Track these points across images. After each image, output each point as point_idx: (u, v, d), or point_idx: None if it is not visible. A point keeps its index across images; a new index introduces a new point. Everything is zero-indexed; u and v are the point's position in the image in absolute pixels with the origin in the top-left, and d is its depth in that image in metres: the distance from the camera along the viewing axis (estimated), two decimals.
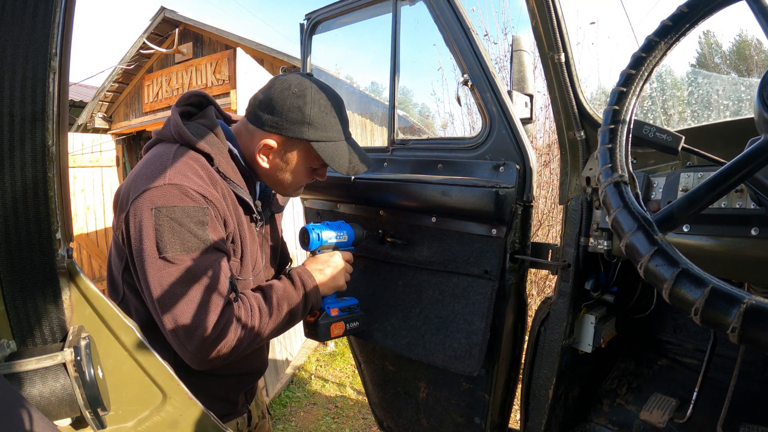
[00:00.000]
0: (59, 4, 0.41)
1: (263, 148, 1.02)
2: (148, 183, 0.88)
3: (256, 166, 1.06)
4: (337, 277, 1.16)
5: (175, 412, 0.58)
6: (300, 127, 1.00)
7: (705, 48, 4.24)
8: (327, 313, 1.17)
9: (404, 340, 1.44)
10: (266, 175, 1.08)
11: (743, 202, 0.86)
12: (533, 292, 3.57)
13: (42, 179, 0.43)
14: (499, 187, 1.19)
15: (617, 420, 1.47)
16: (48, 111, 0.42)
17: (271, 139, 1.01)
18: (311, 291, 1.08)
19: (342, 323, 1.19)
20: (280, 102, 1.00)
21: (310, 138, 1.01)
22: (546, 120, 3.77)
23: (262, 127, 1.01)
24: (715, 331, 1.10)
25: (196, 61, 6.50)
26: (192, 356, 0.87)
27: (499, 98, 1.24)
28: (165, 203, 0.86)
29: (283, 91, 1.00)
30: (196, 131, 0.98)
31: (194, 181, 0.91)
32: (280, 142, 1.02)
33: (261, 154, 1.03)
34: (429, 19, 1.35)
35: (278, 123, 1.00)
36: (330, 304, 1.18)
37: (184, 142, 0.96)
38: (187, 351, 0.86)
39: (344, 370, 3.71)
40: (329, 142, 1.03)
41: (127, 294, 0.97)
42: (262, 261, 1.14)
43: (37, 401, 0.44)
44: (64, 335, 0.48)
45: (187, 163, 0.93)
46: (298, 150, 1.03)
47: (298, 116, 0.99)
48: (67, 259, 0.47)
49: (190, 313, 0.85)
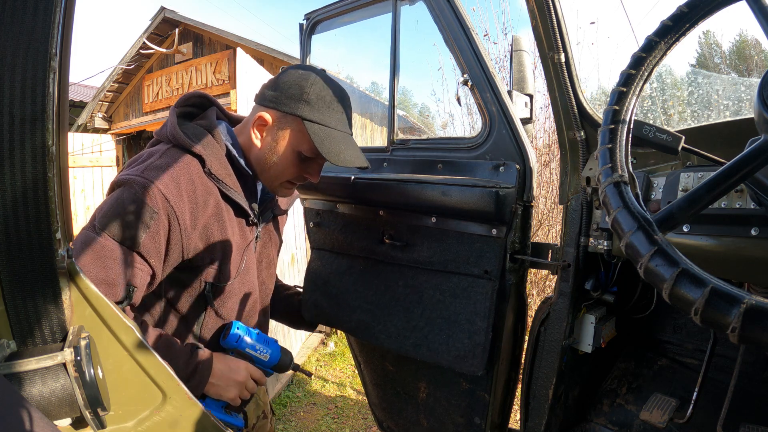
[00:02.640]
0: (59, 4, 0.41)
1: (257, 121, 1.00)
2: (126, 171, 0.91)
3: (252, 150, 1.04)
4: (229, 388, 0.99)
5: (175, 412, 0.58)
6: (296, 103, 0.98)
7: (705, 48, 4.24)
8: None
9: (409, 341, 1.44)
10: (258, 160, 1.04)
11: (743, 202, 0.86)
12: (533, 292, 3.57)
13: (42, 179, 0.43)
14: (499, 187, 1.19)
15: (617, 420, 1.47)
16: (48, 111, 0.42)
17: (266, 113, 0.99)
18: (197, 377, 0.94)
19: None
20: (284, 80, 1.00)
21: (304, 115, 0.98)
22: (546, 120, 3.77)
23: (262, 102, 1.01)
24: (715, 331, 1.10)
25: (196, 61, 6.50)
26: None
27: (499, 98, 1.24)
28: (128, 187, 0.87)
29: (291, 72, 1.01)
30: (192, 132, 0.97)
31: (164, 181, 0.89)
32: (275, 117, 1.00)
33: (255, 129, 1.01)
34: (429, 19, 1.35)
35: (276, 97, 0.99)
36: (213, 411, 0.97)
37: (177, 144, 0.96)
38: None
39: (344, 370, 3.71)
40: (323, 126, 0.99)
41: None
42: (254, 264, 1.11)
43: (37, 401, 0.44)
44: (64, 335, 0.48)
45: (169, 163, 0.91)
46: (291, 129, 1.00)
47: (296, 92, 0.98)
48: (67, 259, 0.47)
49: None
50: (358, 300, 1.60)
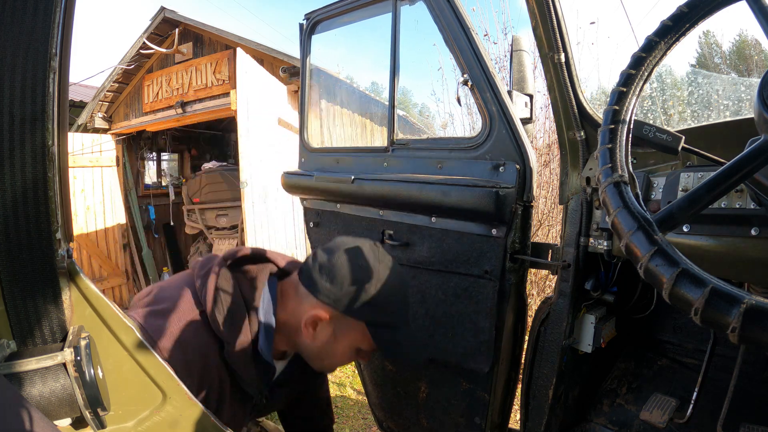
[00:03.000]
0: (59, 4, 0.41)
1: (312, 319, 0.90)
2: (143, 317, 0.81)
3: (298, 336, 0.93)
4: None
5: (175, 412, 0.58)
6: (360, 306, 0.88)
7: (705, 48, 4.24)
8: None
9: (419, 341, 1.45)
10: (308, 353, 0.96)
11: (743, 202, 0.86)
12: (533, 292, 3.57)
13: (42, 179, 0.43)
14: (499, 187, 1.19)
15: (617, 420, 1.47)
16: (48, 111, 0.42)
17: (323, 311, 0.89)
18: None
19: None
20: (342, 271, 0.88)
21: (368, 320, 0.90)
22: (546, 120, 3.77)
23: (317, 295, 0.90)
24: (715, 331, 1.10)
25: (196, 61, 6.49)
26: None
27: (499, 98, 1.24)
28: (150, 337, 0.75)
29: (350, 261, 0.90)
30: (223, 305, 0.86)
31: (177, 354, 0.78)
32: (333, 316, 0.90)
33: (308, 327, 0.91)
34: (429, 19, 1.35)
35: (336, 295, 0.88)
36: None
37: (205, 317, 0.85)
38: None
39: (344, 370, 3.71)
40: (387, 328, 0.92)
41: None
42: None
43: (37, 401, 0.44)
44: (64, 335, 0.48)
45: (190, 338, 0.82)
46: (351, 329, 0.91)
47: (359, 292, 0.88)
48: (67, 259, 0.47)
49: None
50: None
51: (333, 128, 5.35)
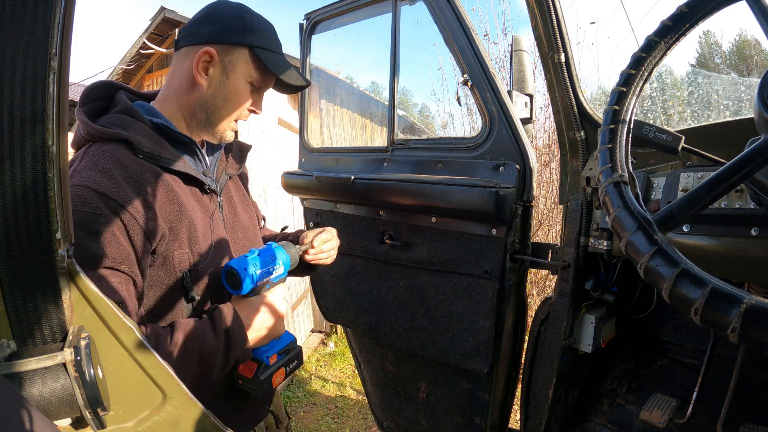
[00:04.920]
0: (59, 4, 0.41)
1: (201, 60, 0.92)
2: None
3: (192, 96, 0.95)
4: (277, 325, 0.97)
5: (175, 412, 0.58)
6: (242, 33, 0.93)
7: (705, 48, 4.24)
8: (266, 363, 0.96)
9: (416, 340, 1.45)
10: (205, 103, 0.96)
11: (743, 202, 0.86)
12: (533, 292, 3.57)
13: (42, 179, 0.43)
14: (499, 187, 1.19)
15: (617, 420, 1.47)
16: (48, 111, 0.42)
17: (209, 47, 0.92)
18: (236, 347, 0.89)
19: (283, 369, 1.00)
20: (218, 12, 0.94)
21: (253, 43, 0.94)
22: (546, 120, 3.77)
23: (200, 40, 0.93)
24: (715, 331, 1.10)
25: None
26: None
27: (499, 98, 1.24)
28: None
29: (221, 5, 0.96)
30: (107, 121, 0.87)
31: (94, 177, 0.78)
32: (220, 50, 0.93)
33: (199, 70, 0.93)
34: (429, 19, 1.35)
35: (217, 31, 0.93)
36: (268, 352, 0.97)
37: (96, 138, 0.86)
38: None
39: (344, 370, 3.71)
40: (271, 52, 0.97)
41: None
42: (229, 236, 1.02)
43: (37, 401, 0.44)
44: (64, 335, 0.48)
45: (94, 158, 0.81)
46: (239, 59, 0.94)
47: (238, 23, 0.93)
48: (67, 259, 0.47)
49: None
50: (363, 302, 1.61)
51: (333, 128, 5.35)
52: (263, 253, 0.97)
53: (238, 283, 0.91)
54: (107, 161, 0.81)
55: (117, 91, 0.97)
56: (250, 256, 0.94)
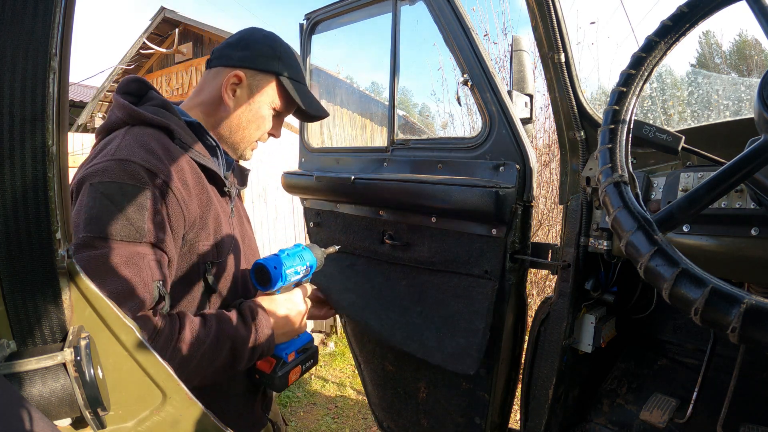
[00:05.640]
0: (59, 4, 0.41)
1: (230, 82, 0.98)
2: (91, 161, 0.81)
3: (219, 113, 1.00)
4: (299, 324, 1.01)
5: (175, 412, 0.58)
6: (270, 61, 1.00)
7: (705, 48, 4.24)
8: (285, 360, 0.99)
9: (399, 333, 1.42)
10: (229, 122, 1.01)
11: (743, 202, 0.86)
12: (533, 292, 3.57)
13: (42, 179, 0.43)
14: (499, 187, 1.19)
15: (617, 420, 1.47)
16: (48, 111, 0.42)
17: (240, 70, 0.98)
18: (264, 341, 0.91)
19: (299, 367, 1.03)
20: (251, 39, 1.00)
21: (280, 71, 1.00)
22: (546, 120, 3.77)
23: (231, 63, 0.99)
24: (715, 331, 1.10)
25: (196, 61, 6.49)
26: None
27: (499, 98, 1.24)
28: (102, 178, 0.76)
29: (254, 32, 1.02)
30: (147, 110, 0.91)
31: (141, 154, 0.80)
32: (249, 75, 0.99)
33: (227, 90, 0.99)
34: (429, 19, 1.35)
35: (248, 56, 0.99)
36: (287, 350, 1.00)
37: (137, 121, 0.88)
38: None
39: (344, 370, 3.71)
40: (296, 81, 1.03)
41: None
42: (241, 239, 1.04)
43: (37, 401, 0.44)
44: (64, 335, 0.48)
45: (138, 137, 0.84)
46: (266, 86, 1.01)
47: (268, 51, 1.00)
48: (67, 259, 0.47)
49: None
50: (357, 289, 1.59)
51: (333, 128, 5.35)
52: (292, 253, 1.02)
53: (268, 280, 0.95)
54: (152, 142, 0.85)
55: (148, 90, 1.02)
56: (281, 255, 0.99)
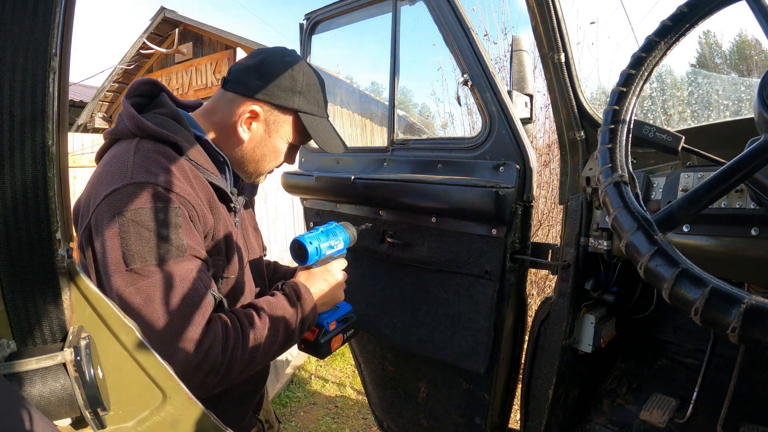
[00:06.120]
0: (59, 4, 0.41)
1: (247, 116, 0.94)
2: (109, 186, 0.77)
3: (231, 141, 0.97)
4: (337, 293, 1.06)
5: (175, 412, 0.58)
6: (290, 96, 0.95)
7: (705, 48, 4.24)
8: (326, 329, 1.06)
9: (414, 337, 1.45)
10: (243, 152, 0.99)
11: (743, 202, 0.86)
12: (533, 292, 3.57)
13: (42, 179, 0.43)
14: (499, 187, 1.19)
15: (617, 420, 1.47)
16: (48, 111, 0.42)
17: (257, 105, 0.94)
18: (309, 312, 0.97)
19: (341, 335, 1.10)
20: (271, 67, 0.94)
21: (300, 108, 0.96)
22: (546, 120, 3.77)
23: (249, 93, 0.94)
24: (715, 331, 1.10)
25: (196, 61, 6.50)
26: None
27: (499, 98, 1.24)
28: (129, 206, 0.75)
29: (275, 58, 0.96)
30: (155, 121, 0.88)
31: (161, 176, 0.80)
32: (266, 110, 0.95)
33: (243, 124, 0.95)
34: (429, 19, 1.35)
35: (268, 90, 0.94)
36: (328, 319, 1.08)
37: (145, 135, 0.86)
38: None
39: (344, 370, 3.71)
40: (315, 117, 1.00)
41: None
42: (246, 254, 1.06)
43: (37, 401, 0.44)
44: (64, 335, 0.48)
45: (151, 156, 0.82)
46: (283, 122, 0.97)
47: (288, 83, 0.94)
48: (67, 259, 0.47)
49: (166, 336, 0.73)
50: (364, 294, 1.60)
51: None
52: (326, 230, 1.08)
53: (305, 254, 1.01)
54: (164, 159, 0.84)
55: (160, 93, 0.99)
56: (315, 233, 1.05)
